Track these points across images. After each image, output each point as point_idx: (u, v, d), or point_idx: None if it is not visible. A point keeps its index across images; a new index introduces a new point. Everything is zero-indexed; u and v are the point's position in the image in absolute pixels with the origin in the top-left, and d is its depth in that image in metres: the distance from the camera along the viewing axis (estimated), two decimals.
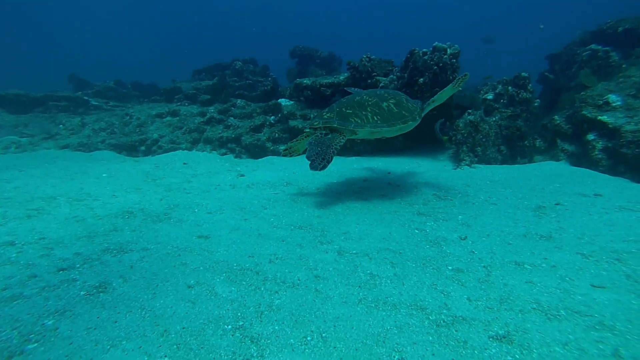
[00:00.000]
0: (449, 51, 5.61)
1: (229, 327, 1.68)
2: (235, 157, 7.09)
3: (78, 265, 2.31)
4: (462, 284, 2.10)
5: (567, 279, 2.15)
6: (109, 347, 1.51)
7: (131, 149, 7.28)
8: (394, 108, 3.68)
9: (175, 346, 1.52)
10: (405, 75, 5.78)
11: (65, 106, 9.90)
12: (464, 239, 2.74)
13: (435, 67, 5.48)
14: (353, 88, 4.89)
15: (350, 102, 3.73)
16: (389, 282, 2.12)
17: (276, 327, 1.68)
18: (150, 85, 11.00)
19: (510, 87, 6.55)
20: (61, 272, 2.23)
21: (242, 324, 1.70)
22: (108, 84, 11.21)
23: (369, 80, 6.23)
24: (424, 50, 5.65)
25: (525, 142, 6.10)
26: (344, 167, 5.45)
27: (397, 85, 5.93)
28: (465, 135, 5.46)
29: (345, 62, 6.94)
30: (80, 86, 11.47)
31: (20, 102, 10.13)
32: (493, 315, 1.81)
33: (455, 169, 5.13)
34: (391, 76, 6.10)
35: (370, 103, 3.67)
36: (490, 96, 6.46)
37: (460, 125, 5.51)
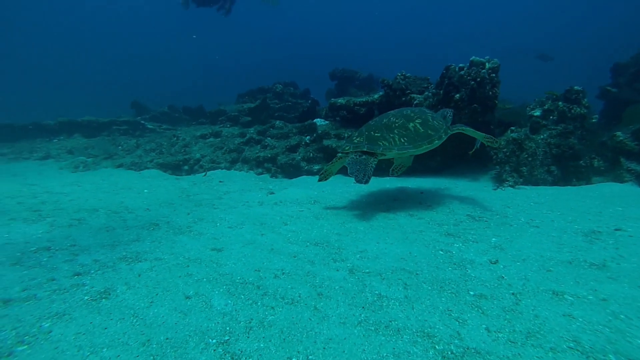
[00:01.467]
0: (487, 65, 5.31)
1: (214, 341, 1.59)
2: (271, 176, 7.20)
3: (93, 272, 2.39)
4: (483, 311, 1.83)
5: (622, 316, 1.79)
6: (89, 353, 1.49)
7: (175, 168, 7.71)
8: (420, 128, 3.75)
9: (151, 357, 1.46)
10: (441, 91, 5.55)
11: (126, 130, 10.87)
12: (495, 263, 2.44)
13: (473, 82, 5.19)
14: None
15: (378, 125, 3.86)
16: (397, 304, 1.91)
17: (262, 345, 1.56)
18: (198, 108, 11.76)
19: (560, 103, 6.02)
20: (76, 276, 2.31)
21: (228, 339, 1.60)
22: (163, 109, 12.19)
23: (403, 98, 6.07)
24: (461, 65, 5.41)
25: (581, 161, 5.49)
26: (375, 187, 5.27)
27: (432, 102, 5.71)
28: (508, 154, 5.04)
29: None
30: (140, 111, 12.58)
31: (92, 127, 11.33)
32: (515, 350, 1.53)
33: (495, 189, 4.72)
34: (426, 93, 5.89)
35: (397, 125, 3.77)
36: (537, 112, 5.97)
37: (502, 143, 5.11)
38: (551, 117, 6.10)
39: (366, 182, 3.48)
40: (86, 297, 2.01)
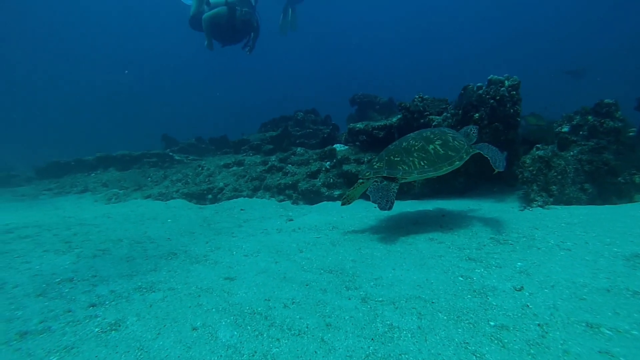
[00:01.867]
0: (506, 83, 5.18)
1: None
2: (293, 203, 7.21)
3: (107, 303, 2.43)
4: (504, 345, 1.68)
5: None
6: None
7: (200, 197, 7.90)
8: (440, 150, 3.71)
9: None
10: (460, 112, 5.45)
11: (155, 162, 11.38)
12: (519, 290, 2.26)
13: (492, 101, 5.07)
14: None
15: (397, 149, 3.87)
16: (409, 335, 1.79)
17: None
18: (222, 138, 12.19)
19: (590, 117, 5.74)
20: (91, 308, 2.36)
21: None
22: (190, 141, 12.73)
23: (422, 120, 6.00)
24: (479, 84, 5.32)
25: (619, 178, 5.13)
26: (396, 211, 5.14)
27: (451, 123, 5.60)
28: (534, 172, 4.79)
29: None
30: (169, 144, 13.20)
31: (125, 161, 11.96)
32: None
33: (522, 210, 4.46)
34: (445, 114, 5.80)
35: (416, 148, 3.77)
36: (565, 129, 5.70)
37: (527, 161, 4.88)
38: (581, 133, 5.81)
39: (389, 208, 3.49)
40: (96, 329, 2.03)
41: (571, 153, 5.39)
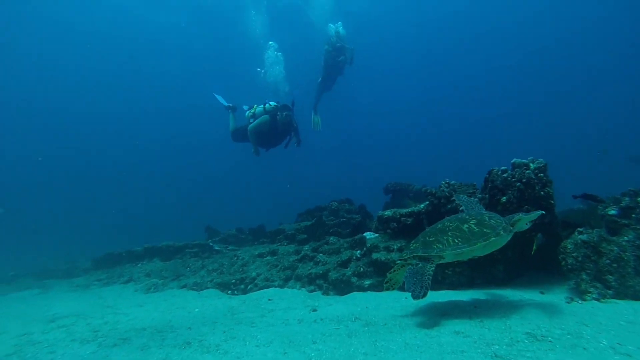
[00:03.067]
0: (532, 166, 5.08)
1: None
2: (323, 293, 6.95)
3: None
4: None
5: None
6: None
7: (232, 287, 7.91)
8: (475, 228, 3.71)
9: None
10: (486, 195, 5.33)
11: (196, 252, 11.85)
12: None
13: (519, 184, 4.93)
14: None
15: (433, 231, 3.98)
16: None
17: None
18: (259, 228, 12.58)
19: None
20: None
21: None
22: (231, 232, 13.27)
23: (449, 206, 5.88)
24: (503, 168, 5.28)
25: None
26: (426, 301, 4.73)
27: None
28: (580, 259, 4.33)
29: None
30: (211, 235, 13.83)
31: (169, 251, 12.60)
32: None
33: (569, 302, 3.92)
34: (472, 198, 5.68)
35: (451, 228, 3.83)
36: (612, 211, 5.24)
37: (569, 247, 4.46)
38: (634, 216, 5.30)
39: (423, 296, 3.41)
40: None
41: (625, 238, 4.86)
